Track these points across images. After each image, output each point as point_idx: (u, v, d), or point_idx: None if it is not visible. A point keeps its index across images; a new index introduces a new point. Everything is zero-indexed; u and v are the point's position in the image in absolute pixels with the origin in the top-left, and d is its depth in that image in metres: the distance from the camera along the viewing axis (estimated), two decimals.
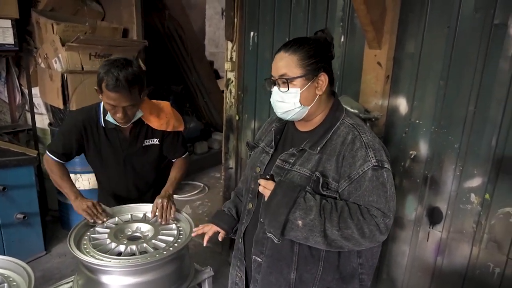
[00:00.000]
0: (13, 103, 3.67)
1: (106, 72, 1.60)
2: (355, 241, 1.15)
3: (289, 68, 1.22)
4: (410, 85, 1.93)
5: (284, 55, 1.23)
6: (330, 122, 1.27)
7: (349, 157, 1.19)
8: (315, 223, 1.13)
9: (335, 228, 1.13)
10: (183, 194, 4.42)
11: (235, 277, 1.54)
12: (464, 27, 1.73)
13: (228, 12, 2.59)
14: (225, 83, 2.79)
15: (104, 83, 1.60)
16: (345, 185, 1.19)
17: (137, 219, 1.84)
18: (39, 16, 3.06)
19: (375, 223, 1.14)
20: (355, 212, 1.15)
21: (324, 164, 1.22)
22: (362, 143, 1.19)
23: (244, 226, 1.45)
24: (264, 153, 1.41)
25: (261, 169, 1.37)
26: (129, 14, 3.42)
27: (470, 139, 1.80)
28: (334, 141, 1.23)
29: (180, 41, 4.91)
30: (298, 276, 1.30)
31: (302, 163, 1.25)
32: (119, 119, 1.71)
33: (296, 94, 1.23)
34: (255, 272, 1.40)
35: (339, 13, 2.10)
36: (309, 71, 1.21)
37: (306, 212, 1.14)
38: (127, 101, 1.65)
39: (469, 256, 1.90)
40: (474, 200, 1.84)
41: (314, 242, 1.17)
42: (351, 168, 1.18)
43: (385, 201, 1.17)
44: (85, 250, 1.56)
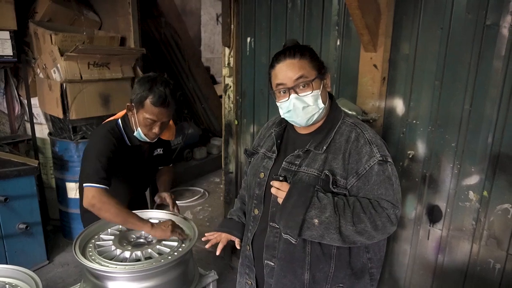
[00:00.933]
0: (12, 113, 3.68)
1: (151, 89, 1.64)
2: (368, 234, 1.17)
3: (306, 70, 1.22)
4: (406, 86, 1.97)
5: (293, 61, 1.22)
6: (331, 122, 1.30)
7: (355, 154, 1.22)
8: (330, 220, 1.16)
9: (349, 224, 1.16)
10: (184, 200, 4.43)
11: (245, 285, 1.53)
12: (456, 28, 1.77)
13: (225, 19, 2.63)
14: (223, 88, 2.82)
15: (150, 99, 1.64)
16: (354, 181, 1.22)
17: None
18: (36, 27, 3.09)
19: (386, 215, 1.18)
20: (367, 206, 1.18)
21: (331, 162, 1.24)
22: (366, 140, 1.23)
23: (251, 233, 1.45)
24: (266, 158, 1.42)
25: (265, 174, 1.38)
26: (125, 23, 3.44)
27: (466, 137, 1.83)
28: (338, 140, 1.26)
29: (176, 47, 4.94)
30: (311, 276, 1.31)
31: (308, 164, 1.27)
32: (153, 135, 1.75)
33: (318, 96, 1.24)
34: (267, 277, 1.40)
35: (334, 18, 2.13)
36: (320, 71, 1.25)
37: (321, 211, 1.17)
38: (168, 116, 1.72)
39: (470, 253, 1.93)
40: (472, 197, 1.87)
41: (329, 239, 1.19)
42: (357, 164, 1.21)
43: (393, 193, 1.21)
44: (91, 257, 1.57)
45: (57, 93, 2.95)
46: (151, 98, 1.64)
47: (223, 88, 2.82)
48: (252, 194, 1.43)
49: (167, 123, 1.77)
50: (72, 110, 2.97)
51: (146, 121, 1.70)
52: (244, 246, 1.52)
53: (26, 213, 2.83)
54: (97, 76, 3.06)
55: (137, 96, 1.67)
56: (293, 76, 1.22)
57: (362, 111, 1.99)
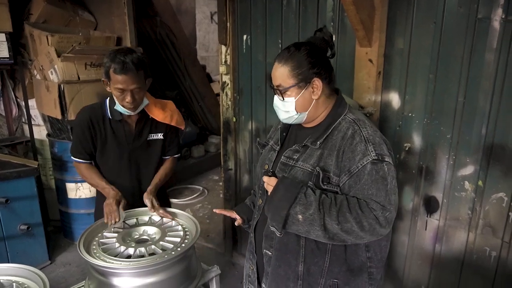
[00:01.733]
0: (9, 115, 3.68)
1: (112, 59, 1.71)
2: (356, 234, 1.17)
3: (283, 79, 1.27)
4: (401, 80, 2.00)
5: (278, 65, 1.29)
6: (332, 118, 1.31)
7: (349, 151, 1.22)
8: (314, 217, 1.17)
9: (335, 222, 1.16)
10: (183, 198, 4.46)
11: (248, 269, 1.60)
12: (449, 22, 1.80)
13: (221, 17, 2.65)
14: (221, 86, 2.84)
15: (112, 68, 1.70)
16: (345, 179, 1.22)
17: (143, 222, 1.88)
18: (32, 29, 3.09)
19: (374, 217, 1.16)
20: (353, 206, 1.17)
21: (326, 159, 1.26)
22: (361, 138, 1.22)
23: (255, 221, 1.51)
24: (272, 150, 1.47)
25: (269, 166, 1.42)
26: (121, 23, 3.45)
27: (461, 129, 1.87)
28: (335, 136, 1.27)
29: (172, 46, 4.95)
30: (306, 269, 1.34)
31: (305, 159, 1.30)
32: (128, 104, 1.78)
33: (292, 103, 1.29)
34: (266, 265, 1.46)
35: (329, 14, 2.16)
36: (301, 80, 1.26)
37: (306, 207, 1.18)
38: (134, 83, 1.74)
39: (466, 242, 1.97)
40: (468, 187, 1.91)
41: (315, 235, 1.21)
42: (350, 162, 1.21)
43: (385, 194, 1.18)
44: (95, 255, 1.59)
45: (55, 94, 2.96)
46: (113, 68, 1.70)
47: (221, 85, 2.84)
48: (258, 184, 1.48)
49: (139, 92, 1.80)
50: (70, 110, 2.99)
51: (116, 92, 1.76)
52: (250, 232, 1.58)
53: (27, 214, 2.85)
54: (95, 77, 3.08)
55: (104, 69, 1.75)
56: (274, 81, 1.31)
57: (359, 106, 2.03)
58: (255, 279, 1.56)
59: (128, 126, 1.94)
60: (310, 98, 1.29)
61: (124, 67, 1.69)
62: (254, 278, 1.57)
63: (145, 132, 1.97)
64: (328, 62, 1.33)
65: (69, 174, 3.21)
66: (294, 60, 1.26)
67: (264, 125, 2.69)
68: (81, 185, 3.20)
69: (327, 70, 1.31)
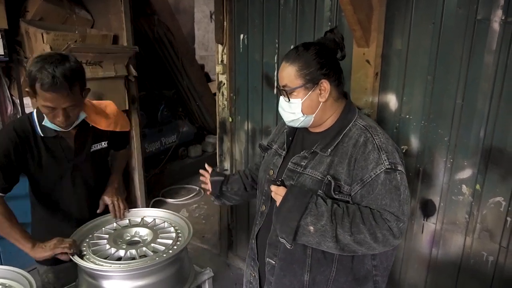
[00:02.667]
0: (4, 114, 3.64)
1: (39, 70, 1.35)
2: (368, 245, 1.13)
3: (290, 79, 1.24)
4: (398, 81, 1.97)
5: (286, 65, 1.25)
6: (342, 123, 1.27)
7: (361, 160, 1.17)
8: (326, 228, 1.13)
9: (347, 233, 1.12)
10: (179, 198, 4.43)
11: (250, 276, 1.56)
12: (448, 23, 1.77)
13: (218, 16, 2.62)
14: (217, 85, 2.81)
15: (38, 82, 1.36)
16: (358, 188, 1.18)
17: (135, 223, 1.85)
18: (28, 26, 3.06)
19: (388, 228, 1.12)
20: (367, 217, 1.13)
21: (336, 167, 1.21)
22: (374, 146, 1.18)
23: (257, 227, 1.46)
24: (277, 155, 1.41)
25: (274, 171, 1.37)
26: (118, 21, 3.42)
27: (459, 131, 1.84)
28: (346, 144, 1.22)
29: (170, 45, 4.92)
30: (311, 278, 1.30)
31: (314, 166, 1.25)
32: (60, 123, 1.48)
33: (298, 105, 1.24)
34: (268, 274, 1.41)
35: (327, 13, 2.14)
36: (309, 80, 1.22)
37: (318, 218, 1.14)
38: (67, 101, 1.42)
39: (463, 246, 1.95)
40: (465, 191, 1.88)
41: (326, 247, 1.16)
42: (363, 171, 1.17)
43: (399, 204, 1.15)
44: (85, 257, 1.57)
45: None
46: (39, 82, 1.35)
47: (217, 85, 2.82)
48: (261, 190, 1.44)
49: (75, 108, 1.49)
50: None
51: (44, 109, 1.44)
52: (250, 239, 1.54)
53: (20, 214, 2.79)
54: (90, 75, 3.03)
55: (28, 79, 1.39)
56: (281, 81, 1.27)
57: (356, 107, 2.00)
58: (258, 286, 1.52)
59: (65, 141, 1.62)
60: (317, 100, 1.25)
61: (53, 83, 1.35)
62: (256, 285, 1.52)
63: (87, 144, 1.69)
64: (337, 64, 1.29)
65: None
66: (302, 60, 1.23)
67: (260, 126, 2.67)
68: None
69: (336, 72, 1.27)
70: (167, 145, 4.98)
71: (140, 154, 3.76)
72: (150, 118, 4.75)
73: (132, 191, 3.88)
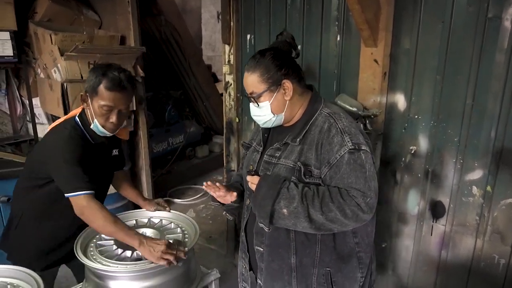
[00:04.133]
0: (14, 114, 3.68)
1: (105, 73, 1.52)
2: (340, 222, 1.22)
3: (254, 86, 1.34)
4: (407, 81, 1.95)
5: (248, 74, 1.36)
6: (309, 114, 1.37)
7: (327, 144, 1.28)
8: (298, 210, 1.23)
9: (319, 213, 1.22)
10: (186, 198, 4.44)
11: (242, 268, 1.64)
12: (458, 22, 1.75)
13: (224, 16, 2.61)
14: (224, 86, 2.81)
15: (104, 84, 1.51)
16: (326, 170, 1.28)
17: (142, 224, 1.85)
18: (36, 27, 3.08)
19: (356, 203, 1.21)
20: (335, 195, 1.22)
21: (306, 153, 1.31)
22: (337, 130, 1.28)
23: (244, 220, 1.56)
24: (255, 152, 1.52)
25: (253, 166, 1.47)
26: (125, 21, 3.43)
27: (469, 132, 1.81)
28: (313, 131, 1.33)
29: (177, 46, 4.93)
30: (298, 261, 1.39)
31: (286, 156, 1.35)
32: (111, 125, 1.60)
33: (267, 107, 1.35)
34: (259, 261, 1.50)
35: (334, 13, 2.12)
36: (272, 84, 1.33)
37: (290, 201, 1.24)
38: (126, 102, 1.59)
39: (473, 249, 1.92)
40: (476, 192, 1.85)
41: (302, 227, 1.26)
42: (329, 154, 1.27)
43: (364, 181, 1.23)
44: (92, 257, 1.57)
45: (58, 93, 2.94)
46: (105, 83, 1.51)
47: (224, 85, 2.81)
48: (246, 186, 1.51)
49: (125, 114, 1.64)
50: (73, 109, 2.97)
51: (102, 110, 1.55)
52: (241, 232, 1.62)
53: None
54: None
55: (90, 83, 1.54)
56: (247, 89, 1.38)
57: (363, 107, 1.98)
58: (248, 277, 1.61)
59: (105, 147, 1.74)
60: (283, 100, 1.35)
61: (120, 84, 1.52)
62: (247, 276, 1.61)
63: (110, 149, 1.80)
64: (294, 62, 1.39)
65: None
66: (262, 66, 1.33)
67: None
68: None
69: (294, 70, 1.36)
70: (174, 145, 4.99)
71: (148, 154, 3.77)
72: (157, 119, 4.76)
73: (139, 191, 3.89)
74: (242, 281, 1.64)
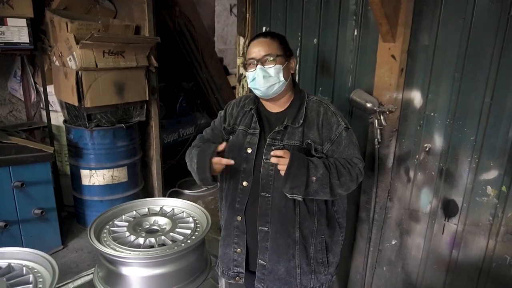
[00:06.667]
0: (28, 101, 3.73)
1: None
2: (347, 186, 1.45)
3: (274, 48, 1.48)
4: (424, 78, 1.92)
5: (265, 39, 1.50)
6: (299, 100, 1.55)
7: (326, 124, 1.51)
8: (323, 176, 1.39)
9: (335, 178, 1.41)
10: (195, 190, 4.46)
11: (233, 255, 1.61)
12: (479, 19, 1.71)
13: (240, 8, 2.60)
14: (237, 78, 2.80)
15: None
16: (328, 146, 1.50)
17: (154, 212, 1.87)
18: (53, 15, 3.10)
19: (358, 168, 1.48)
20: (344, 163, 1.46)
21: (308, 134, 1.50)
22: (332, 112, 1.53)
23: (241, 204, 1.56)
24: (249, 135, 1.55)
25: (252, 149, 1.52)
26: (140, 11, 3.44)
27: (486, 131, 1.79)
28: (310, 115, 1.52)
29: (190, 37, 4.92)
30: (300, 234, 1.52)
31: (289, 137, 1.50)
32: None
33: (279, 70, 1.48)
34: (262, 241, 1.54)
35: (352, 7, 2.09)
36: (286, 53, 1.52)
37: (316, 169, 1.39)
38: None
39: (485, 249, 1.90)
40: (490, 192, 1.83)
41: (322, 193, 1.41)
42: (329, 132, 1.50)
43: (358, 151, 1.52)
44: (105, 243, 1.59)
45: (72, 81, 2.97)
46: None
47: (237, 78, 2.81)
48: (239, 168, 1.54)
49: None
50: (87, 98, 3.00)
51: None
52: (230, 219, 1.60)
53: (42, 199, 2.89)
54: (112, 65, 3.07)
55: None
56: (262, 52, 1.48)
57: (379, 103, 1.96)
58: (243, 261, 1.60)
59: None
60: (289, 71, 1.54)
61: None
62: (242, 260, 1.60)
63: None
64: None
65: (84, 161, 3.23)
66: (281, 37, 1.54)
67: None
68: (95, 172, 3.22)
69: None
70: (184, 136, 5.01)
71: (159, 145, 3.79)
72: (168, 110, 4.78)
73: (149, 181, 3.92)
74: (234, 267, 1.62)
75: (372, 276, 2.33)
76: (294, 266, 1.54)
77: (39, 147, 2.85)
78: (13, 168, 2.70)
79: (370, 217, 2.19)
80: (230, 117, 1.66)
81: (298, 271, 1.55)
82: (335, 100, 2.26)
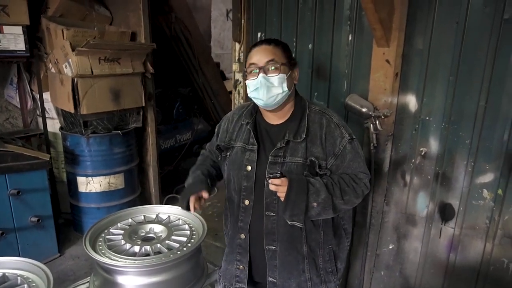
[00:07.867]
0: (24, 108, 3.72)
1: None
2: (352, 202, 1.41)
3: (277, 56, 1.38)
4: (419, 82, 1.93)
5: (268, 47, 1.39)
6: (301, 111, 1.45)
7: (330, 137, 1.41)
8: (326, 200, 1.34)
9: (339, 199, 1.36)
10: None
11: (235, 271, 1.60)
12: (473, 22, 1.72)
13: (235, 14, 2.61)
14: (233, 84, 2.81)
15: None
16: (332, 161, 1.41)
17: (150, 220, 1.86)
18: (49, 22, 3.11)
19: (364, 184, 1.42)
20: (349, 181, 1.39)
21: (311, 149, 1.41)
22: (335, 124, 1.43)
23: (244, 222, 1.53)
24: (247, 151, 1.48)
25: (252, 167, 1.45)
26: (136, 18, 3.44)
27: (481, 134, 1.79)
28: (312, 128, 1.42)
29: (186, 43, 4.93)
30: (308, 247, 1.48)
31: (291, 154, 1.41)
32: None
33: (283, 79, 1.38)
34: (270, 259, 1.51)
35: (347, 12, 2.10)
36: (290, 61, 1.42)
37: (317, 194, 1.33)
38: None
39: (483, 252, 1.89)
40: (486, 195, 1.83)
41: (325, 215, 1.39)
42: (333, 146, 1.41)
43: (363, 164, 1.44)
44: (101, 251, 1.58)
45: (68, 88, 2.97)
46: None
47: (233, 83, 2.81)
48: (239, 187, 1.50)
49: None
50: (83, 105, 2.99)
51: None
52: (233, 236, 1.59)
53: (38, 206, 2.87)
54: (108, 71, 3.07)
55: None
56: (265, 59, 1.37)
57: (374, 107, 1.97)
58: (245, 277, 1.59)
59: None
60: (292, 81, 1.44)
61: None
62: (245, 276, 1.59)
63: None
64: None
65: (80, 168, 3.22)
66: (284, 44, 1.44)
67: None
68: (91, 179, 3.21)
69: None
70: (181, 142, 5.01)
71: (155, 151, 3.78)
72: (165, 115, 4.77)
73: (147, 187, 3.91)
74: (236, 282, 1.61)
75: (370, 281, 2.33)
76: (305, 280, 1.51)
77: (36, 155, 2.84)
78: (9, 176, 2.68)
79: (367, 222, 2.19)
80: (224, 133, 1.60)
81: (309, 284, 1.52)
82: (330, 105, 2.26)
